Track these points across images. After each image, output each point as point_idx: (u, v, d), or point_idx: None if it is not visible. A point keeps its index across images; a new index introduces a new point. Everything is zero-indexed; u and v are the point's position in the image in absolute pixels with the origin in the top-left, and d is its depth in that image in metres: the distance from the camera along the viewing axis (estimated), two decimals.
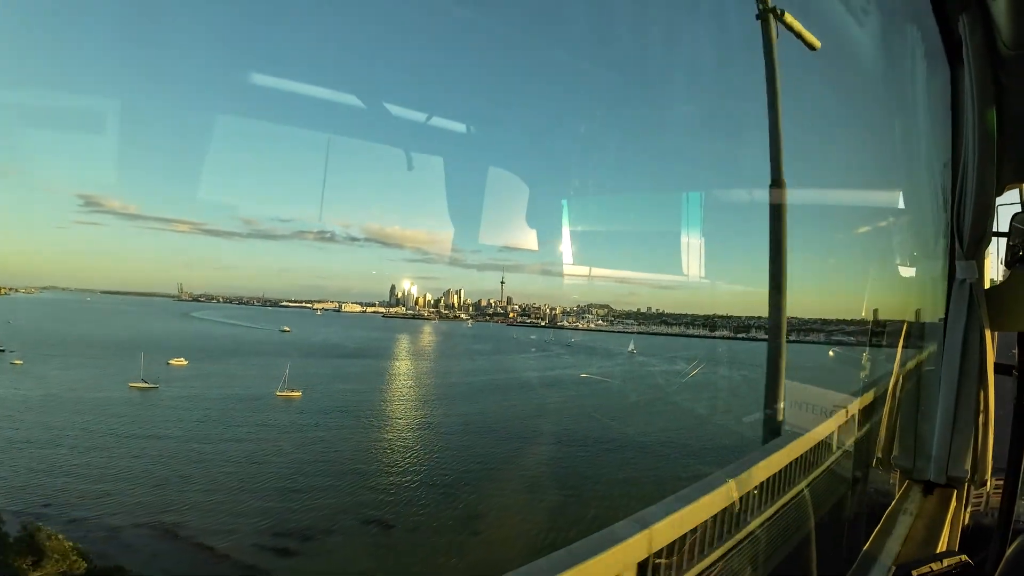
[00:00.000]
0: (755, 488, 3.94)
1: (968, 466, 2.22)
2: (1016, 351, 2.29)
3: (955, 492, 2.28)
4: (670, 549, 3.24)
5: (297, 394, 39.34)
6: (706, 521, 3.62)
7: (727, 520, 3.78)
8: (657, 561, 3.27)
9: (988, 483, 2.23)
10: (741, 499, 3.84)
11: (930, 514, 2.30)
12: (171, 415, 33.48)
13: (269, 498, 22.31)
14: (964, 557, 1.22)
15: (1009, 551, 1.56)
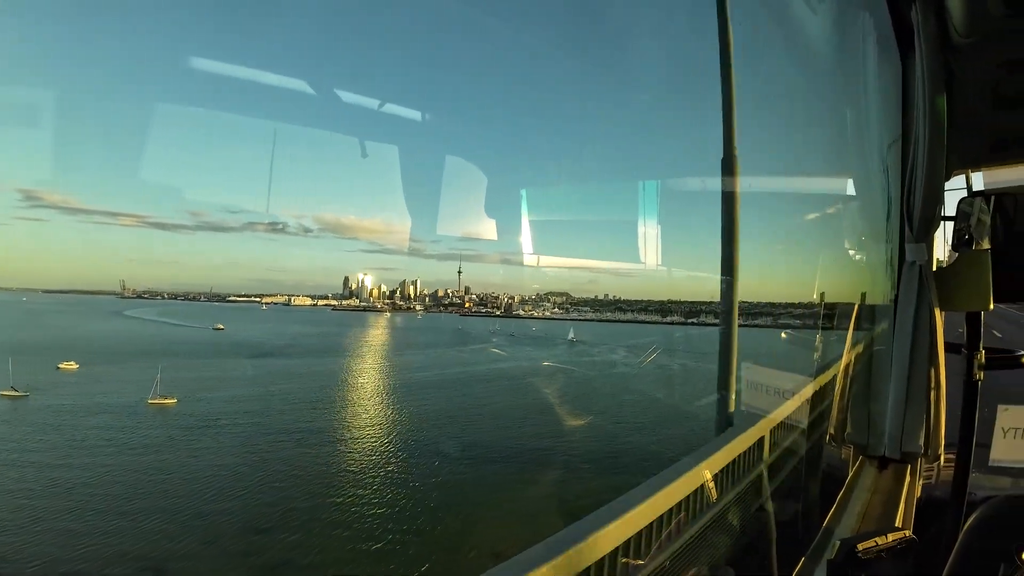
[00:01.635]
0: (717, 472, 4.03)
1: (921, 441, 2.31)
2: (964, 330, 2.41)
3: (909, 467, 2.37)
4: (638, 538, 3.25)
5: (172, 401, 36.62)
6: (671, 508, 3.66)
7: (690, 507, 3.84)
8: (627, 551, 3.27)
9: (941, 457, 2.33)
10: (703, 485, 3.92)
11: (886, 488, 2.38)
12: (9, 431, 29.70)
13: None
14: (908, 532, 1.22)
15: (968, 523, 1.60)
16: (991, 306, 2.28)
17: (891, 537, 1.20)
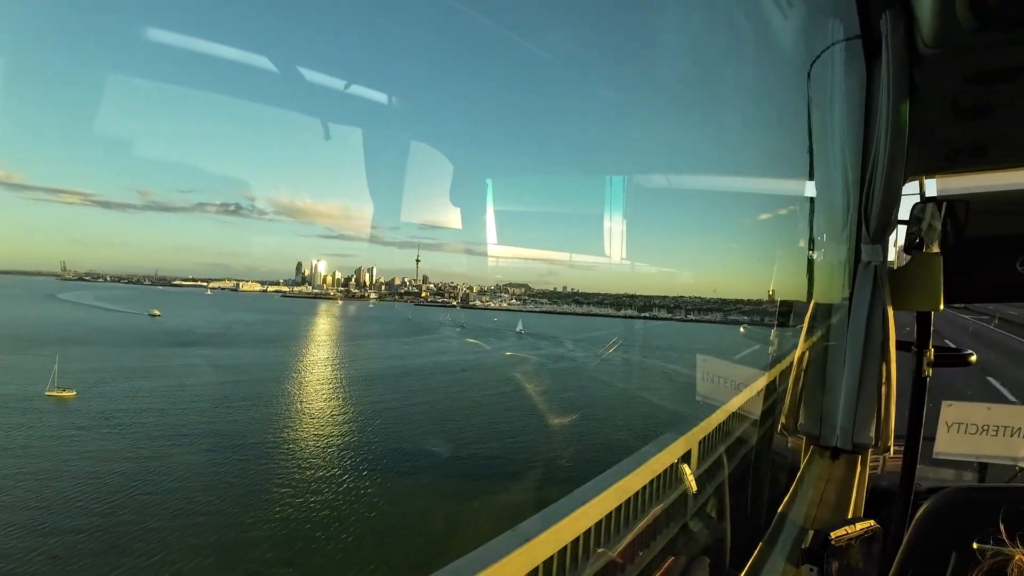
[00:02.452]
0: (675, 462, 4.12)
1: (872, 433, 2.43)
2: (914, 329, 2.56)
3: (859, 458, 2.50)
4: (587, 536, 3.28)
5: (71, 394, 34.42)
6: (628, 499, 3.73)
7: (649, 496, 3.92)
8: (588, 540, 3.30)
9: (891, 449, 2.47)
10: (661, 474, 4.00)
11: (838, 478, 2.50)
12: None
13: None
14: (873, 522, 1.29)
15: (920, 513, 1.69)
16: (941, 307, 2.43)
17: (859, 526, 1.26)
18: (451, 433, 31.73)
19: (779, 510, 2.54)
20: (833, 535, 1.23)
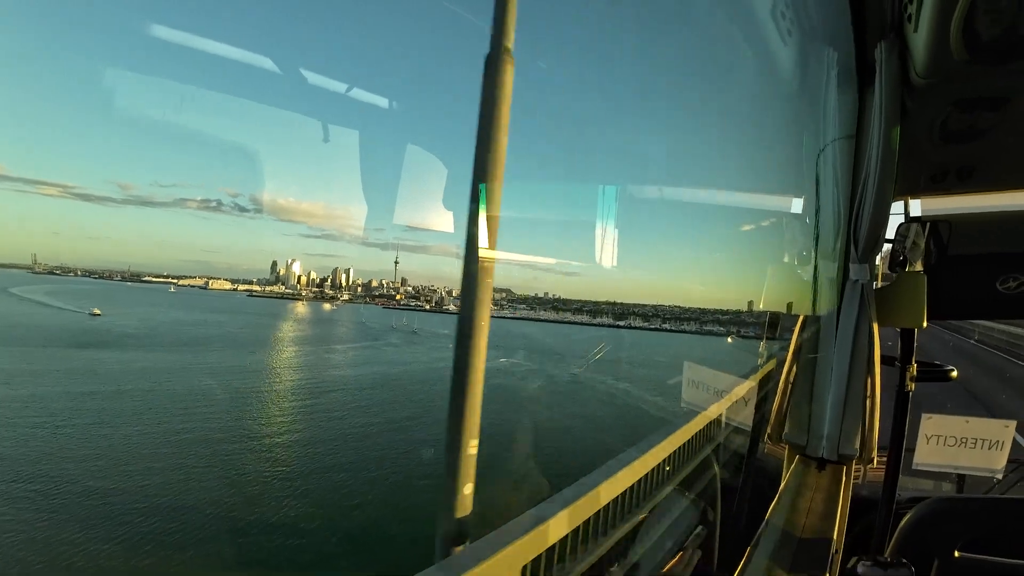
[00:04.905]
0: (660, 464, 4.18)
1: (857, 445, 2.53)
2: (898, 344, 2.68)
3: (844, 468, 2.59)
4: (585, 525, 3.31)
5: None
6: (608, 504, 3.76)
7: (634, 497, 3.96)
8: (576, 538, 3.32)
9: (874, 460, 2.57)
10: (647, 475, 4.06)
11: (823, 487, 2.59)
12: None
13: None
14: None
15: (903, 522, 1.77)
16: (925, 324, 2.55)
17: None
18: (261, 483, 22.76)
19: (766, 518, 2.61)
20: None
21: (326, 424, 32.76)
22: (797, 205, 3.52)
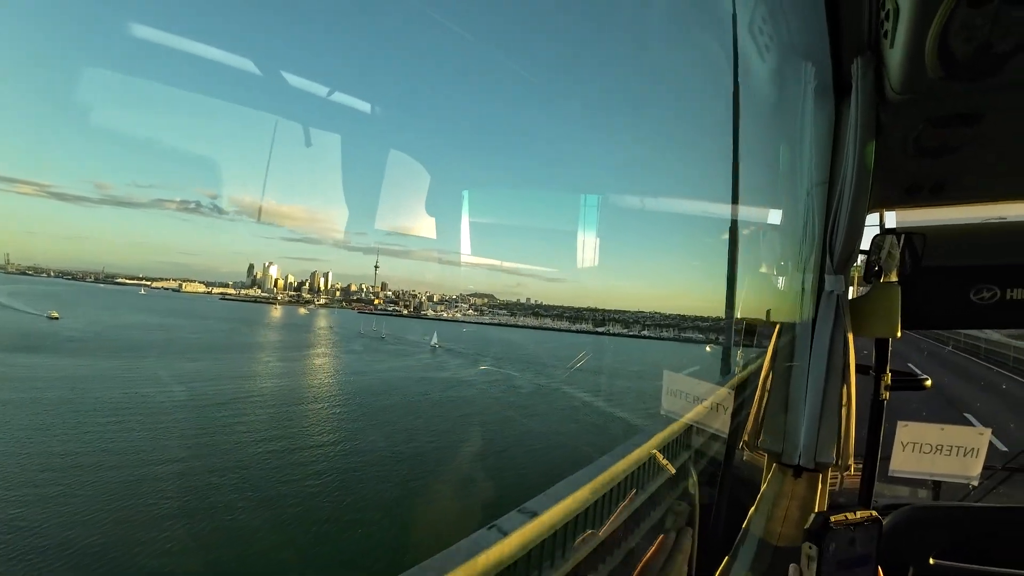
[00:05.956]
0: (638, 468, 4.17)
1: (833, 453, 2.56)
2: (872, 354, 2.73)
3: (821, 476, 2.63)
4: (564, 528, 3.27)
5: None
6: (587, 509, 3.74)
7: (614, 499, 3.94)
8: (564, 536, 3.27)
9: (851, 468, 2.61)
10: (627, 478, 4.03)
11: (800, 495, 2.62)
12: None
13: None
14: (874, 512, 1.37)
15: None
16: (899, 334, 2.61)
17: (859, 514, 1.33)
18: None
19: (743, 526, 2.62)
20: (833, 518, 1.29)
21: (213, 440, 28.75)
22: (775, 216, 3.59)
